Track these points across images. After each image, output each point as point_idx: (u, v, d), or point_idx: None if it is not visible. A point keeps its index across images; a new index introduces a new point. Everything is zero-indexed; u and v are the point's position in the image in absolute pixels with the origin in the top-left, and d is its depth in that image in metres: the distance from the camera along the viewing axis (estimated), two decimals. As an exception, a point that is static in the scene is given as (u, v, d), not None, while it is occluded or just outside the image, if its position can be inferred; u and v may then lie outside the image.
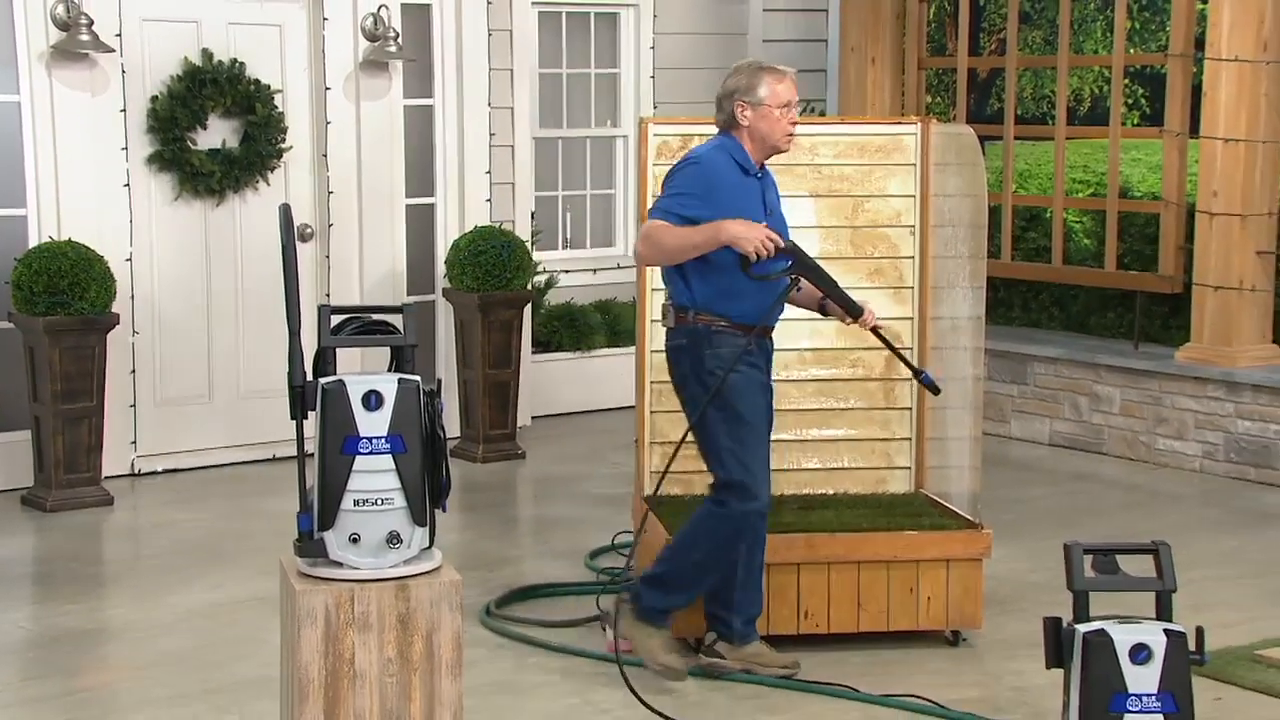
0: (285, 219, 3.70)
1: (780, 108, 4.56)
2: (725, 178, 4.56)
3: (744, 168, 4.60)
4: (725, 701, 4.51)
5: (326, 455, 3.54)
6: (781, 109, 4.56)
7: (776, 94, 4.56)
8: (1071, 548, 3.69)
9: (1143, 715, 3.51)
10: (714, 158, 4.60)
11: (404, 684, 3.57)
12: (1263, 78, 7.17)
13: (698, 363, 4.55)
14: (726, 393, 4.50)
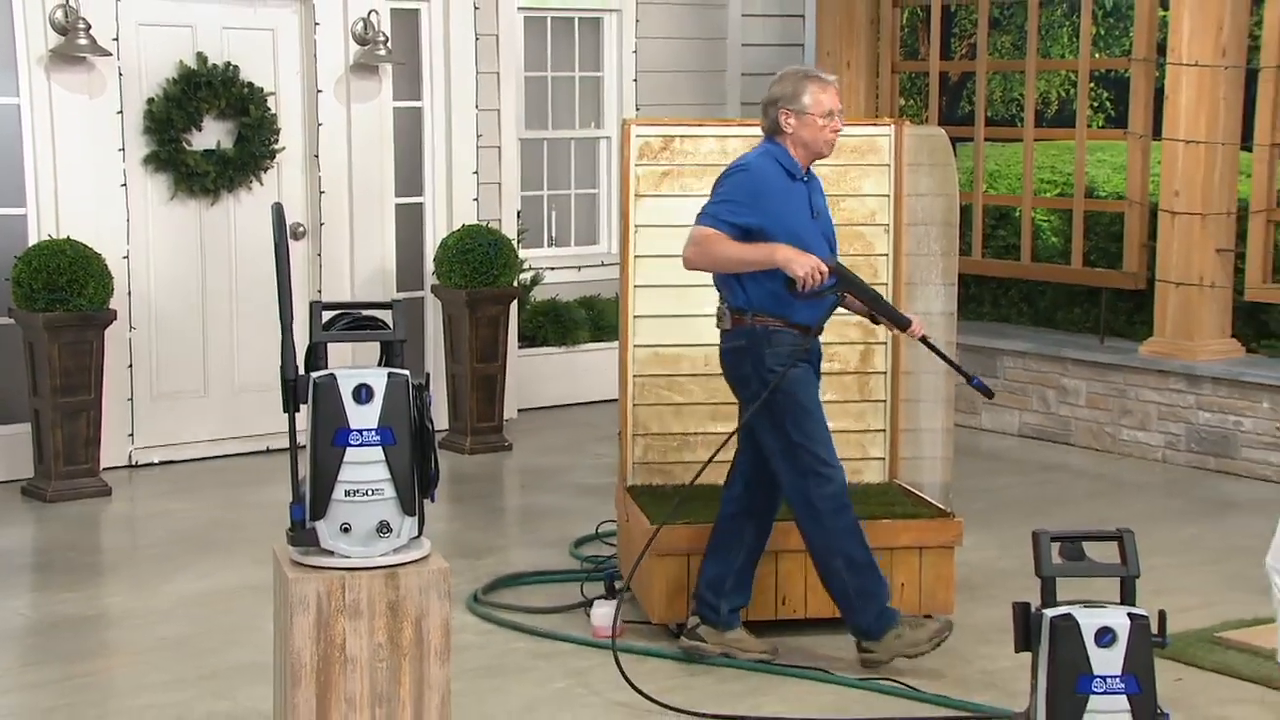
0: (278, 218, 3.70)
1: (823, 116, 4.53)
2: (773, 184, 4.53)
3: (790, 173, 4.57)
4: (708, 684, 4.52)
5: (318, 447, 3.54)
6: (824, 117, 4.53)
7: (820, 103, 4.52)
8: (1039, 535, 3.70)
9: (1107, 696, 3.52)
10: (762, 164, 4.57)
11: (394, 669, 3.57)
12: (1221, 82, 7.20)
13: (758, 362, 4.53)
14: (788, 388, 4.50)
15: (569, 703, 4.39)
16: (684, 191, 5.29)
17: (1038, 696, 3.60)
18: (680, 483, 5.29)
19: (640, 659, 4.70)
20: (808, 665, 4.62)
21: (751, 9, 9.26)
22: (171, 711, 4.34)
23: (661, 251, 5.28)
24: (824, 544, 4.56)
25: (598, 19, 8.93)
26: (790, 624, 4.89)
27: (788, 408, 4.53)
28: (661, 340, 5.30)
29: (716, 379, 5.31)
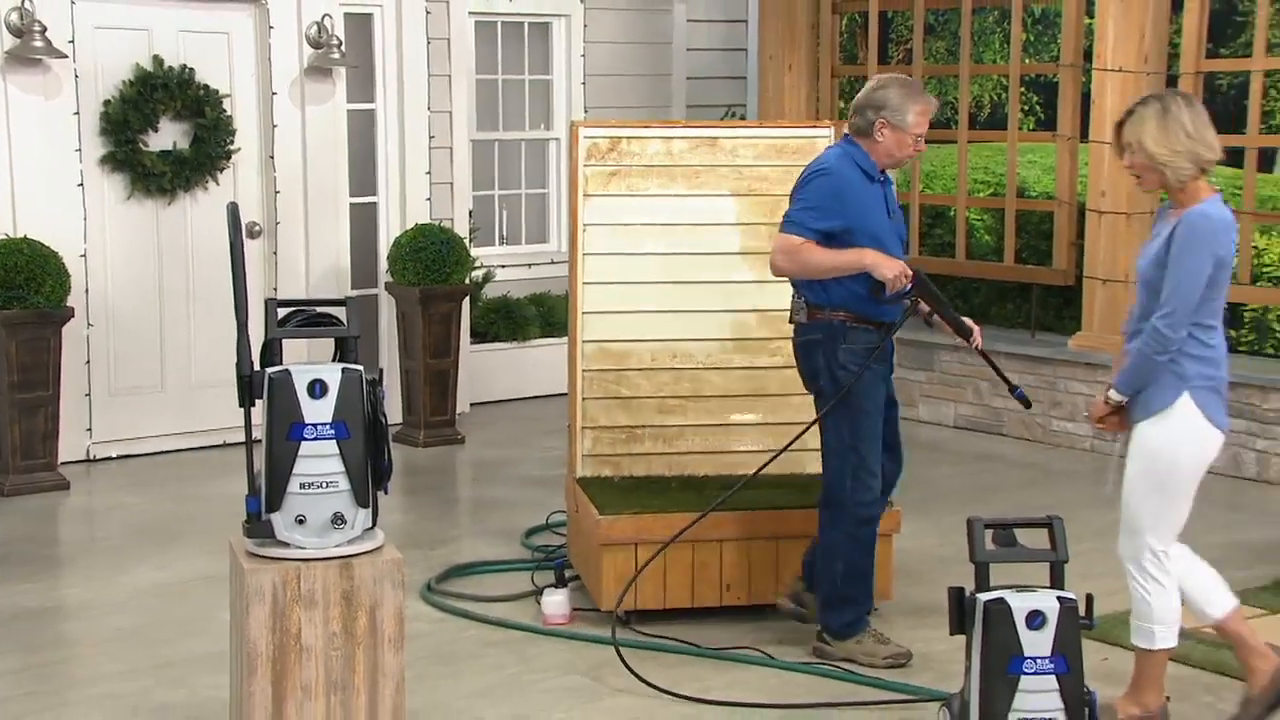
0: (233, 217, 3.68)
1: (916, 136, 4.54)
2: (853, 186, 4.51)
3: (869, 174, 4.55)
4: (654, 669, 4.51)
5: (273, 441, 3.52)
6: (917, 137, 4.55)
7: (920, 124, 4.52)
8: (973, 523, 3.73)
9: (1037, 676, 3.56)
10: (841, 167, 4.54)
11: (348, 657, 3.56)
12: (1144, 87, 7.28)
13: (831, 357, 4.52)
14: (861, 389, 4.48)
15: (520, 688, 4.39)
16: (631, 191, 5.30)
17: (972, 677, 3.63)
18: (628, 474, 5.30)
19: (588, 646, 4.70)
20: (750, 647, 4.63)
21: (696, 14, 9.28)
22: (128, 701, 4.29)
23: (610, 249, 5.29)
24: (835, 544, 4.55)
25: (547, 23, 8.92)
26: (734, 610, 4.90)
27: (856, 409, 4.50)
28: (610, 336, 5.30)
29: (663, 373, 5.33)
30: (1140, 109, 3.95)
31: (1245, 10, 7.37)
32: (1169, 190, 3.96)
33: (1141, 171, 3.94)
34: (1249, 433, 6.85)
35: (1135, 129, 3.92)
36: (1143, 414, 3.97)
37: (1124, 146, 3.96)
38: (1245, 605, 4.97)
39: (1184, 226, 3.87)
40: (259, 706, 3.51)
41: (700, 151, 5.32)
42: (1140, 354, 3.92)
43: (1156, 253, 3.93)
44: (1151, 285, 3.93)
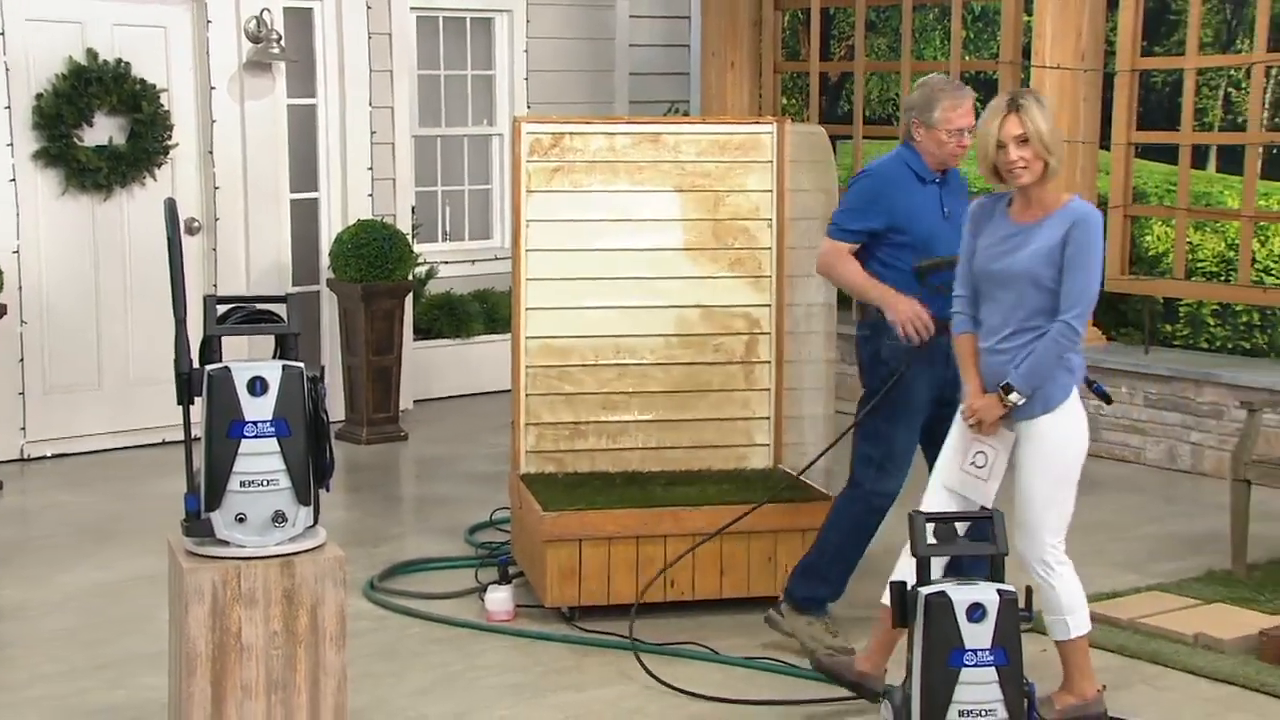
0: (170, 213, 3.64)
1: (950, 133, 4.47)
2: (898, 187, 4.51)
3: (921, 176, 4.54)
4: (599, 665, 4.52)
5: (213, 439, 3.49)
6: (951, 134, 4.47)
7: (949, 120, 4.46)
8: (915, 517, 3.77)
9: (978, 669, 3.59)
10: (887, 169, 4.57)
11: (289, 655, 3.53)
12: (1080, 84, 7.37)
13: (874, 354, 4.54)
14: (907, 382, 4.48)
15: (463, 685, 4.37)
16: (574, 187, 5.29)
17: (914, 670, 3.66)
18: (572, 470, 5.30)
19: (532, 642, 4.70)
20: (694, 642, 4.64)
21: (639, 10, 9.28)
22: (67, 702, 4.24)
23: (552, 245, 5.29)
24: (841, 520, 4.61)
25: (489, 19, 8.89)
26: (678, 605, 4.91)
27: (896, 403, 4.50)
28: (553, 332, 5.30)
29: (607, 369, 5.34)
30: (1022, 102, 3.86)
31: (1179, 9, 7.48)
32: (1037, 182, 3.87)
33: (1031, 163, 3.85)
34: (1183, 425, 6.95)
35: (1031, 120, 3.84)
36: (1042, 409, 3.94)
37: (1019, 139, 3.83)
38: (1180, 596, 5.06)
39: (1085, 225, 3.87)
40: (198, 707, 3.48)
41: (643, 147, 5.32)
42: (1048, 352, 3.88)
43: (1047, 250, 3.87)
44: (1040, 283, 3.87)
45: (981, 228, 4.02)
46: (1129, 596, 5.07)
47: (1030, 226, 3.93)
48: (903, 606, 3.74)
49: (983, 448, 3.98)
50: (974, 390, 3.98)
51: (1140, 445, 7.12)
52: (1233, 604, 4.96)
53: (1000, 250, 3.95)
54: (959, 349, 4.07)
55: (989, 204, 4.05)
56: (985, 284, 3.99)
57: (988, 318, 4.00)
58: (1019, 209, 3.97)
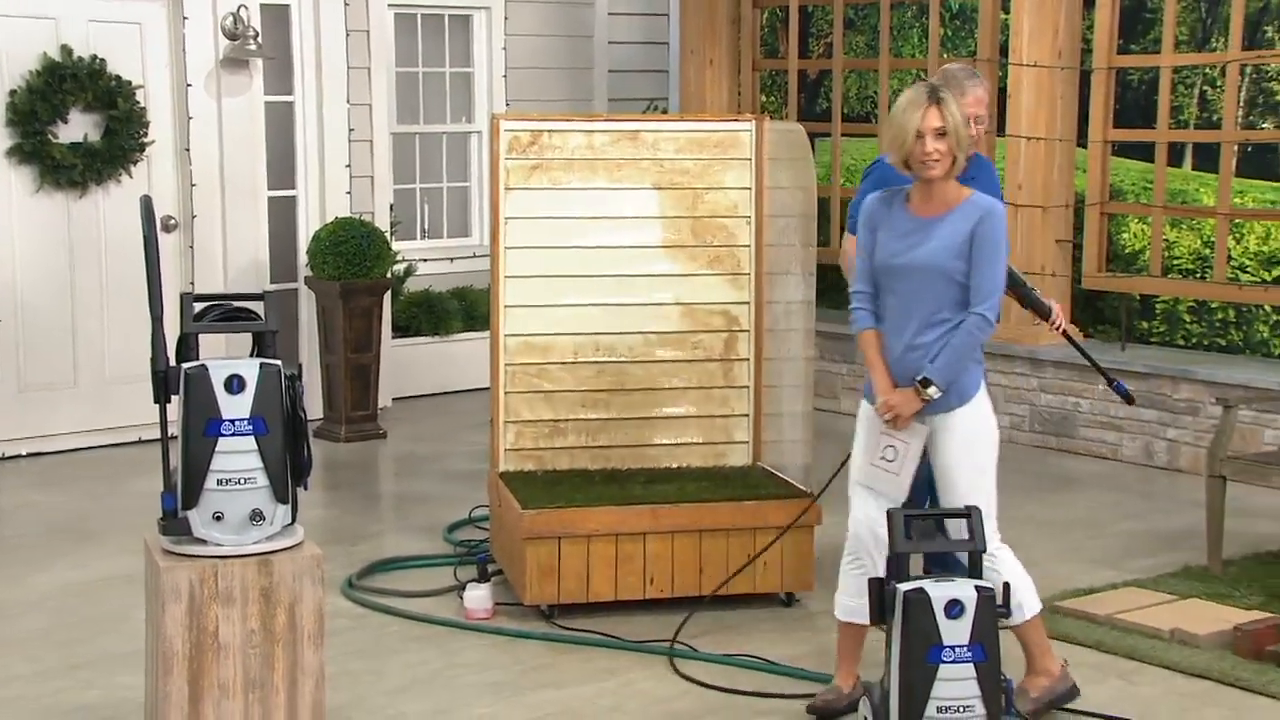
0: (146, 210, 3.63)
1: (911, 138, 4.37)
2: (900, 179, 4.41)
3: None
4: (575, 663, 4.52)
5: (190, 437, 3.48)
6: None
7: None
8: (893, 514, 3.77)
9: (956, 665, 3.60)
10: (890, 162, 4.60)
11: (267, 654, 3.52)
12: (1058, 82, 7.39)
13: None
14: None
15: (442, 683, 4.37)
16: (553, 185, 5.29)
17: (892, 666, 3.66)
18: (551, 468, 5.29)
19: (511, 640, 4.69)
20: (674, 640, 4.64)
21: (618, 8, 9.27)
22: (43, 701, 4.21)
23: (531, 243, 5.28)
24: None
25: (467, 16, 8.87)
26: (658, 603, 4.91)
27: None
28: (532, 329, 5.29)
29: (586, 366, 5.34)
30: (943, 95, 3.83)
31: (1155, 7, 7.51)
32: (945, 174, 3.84)
33: (944, 157, 3.83)
34: (1160, 422, 6.98)
35: (951, 115, 3.82)
36: (958, 402, 3.94)
37: (938, 131, 3.80)
38: (1156, 592, 5.09)
39: (992, 218, 3.87)
40: (175, 706, 3.46)
41: (622, 145, 5.32)
42: (964, 344, 3.87)
43: (955, 244, 3.85)
44: (948, 276, 3.86)
45: (880, 222, 3.97)
46: (1106, 592, 5.09)
47: (934, 220, 3.90)
48: (881, 603, 3.75)
49: (892, 442, 3.95)
50: (885, 386, 3.94)
51: (1117, 442, 7.15)
52: (1208, 599, 4.98)
53: (904, 245, 3.91)
54: (865, 345, 4.02)
55: (886, 199, 3.99)
56: (888, 278, 3.94)
57: (891, 312, 3.96)
58: (920, 203, 3.93)
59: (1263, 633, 4.51)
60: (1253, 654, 4.47)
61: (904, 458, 3.94)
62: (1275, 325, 8.24)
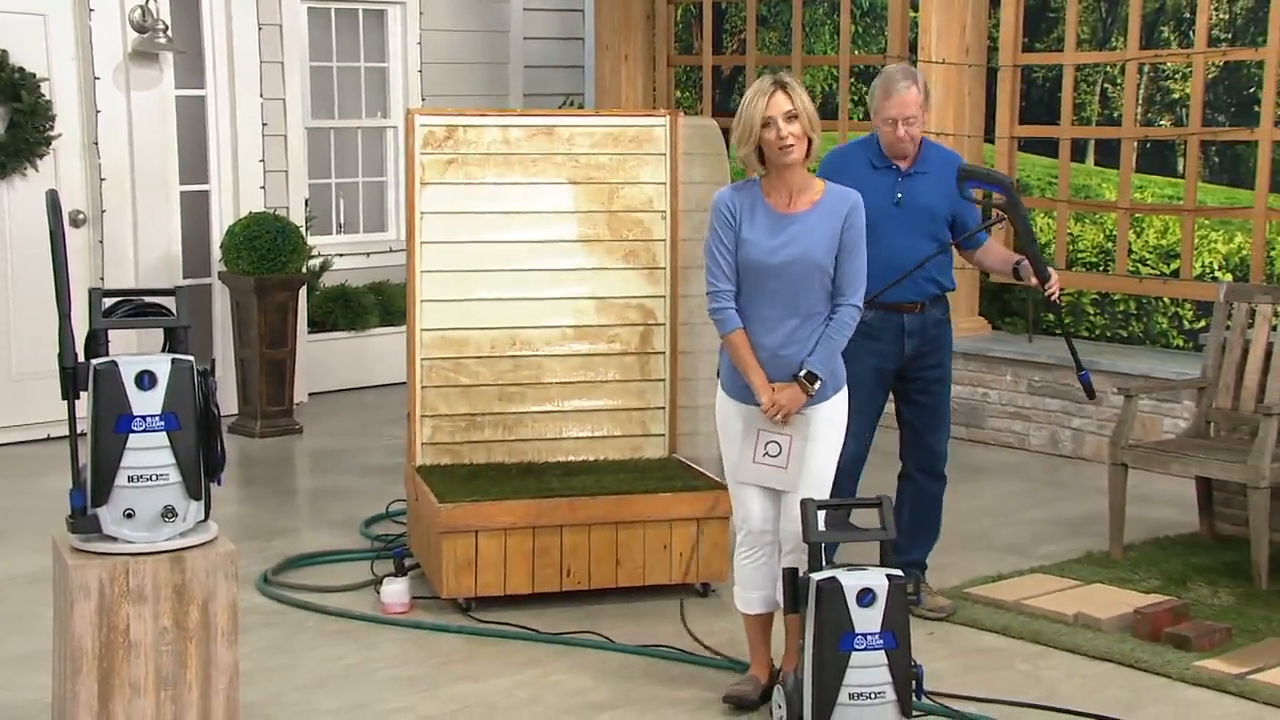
0: (53, 205, 3.56)
1: (885, 120, 4.58)
2: (844, 170, 4.56)
3: (873, 163, 4.65)
4: (493, 654, 4.50)
5: (100, 434, 3.42)
6: (885, 121, 4.58)
7: (883, 109, 4.59)
8: (807, 504, 3.80)
9: (868, 652, 3.64)
10: (839, 153, 4.80)
11: (179, 652, 3.47)
12: (965, 79, 7.49)
13: None
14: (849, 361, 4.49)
15: (359, 678, 4.33)
16: (468, 180, 5.26)
17: (805, 654, 3.69)
18: (468, 462, 5.27)
19: (428, 634, 4.67)
20: (590, 632, 4.65)
21: (533, 3, 9.24)
22: (-51, 705, 4.11)
23: (447, 238, 5.25)
24: None
25: (382, 10, 8.79)
26: (575, 595, 4.91)
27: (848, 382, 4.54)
28: (448, 324, 5.26)
29: (502, 360, 5.32)
30: (788, 81, 3.83)
31: (1057, 6, 7.64)
32: (803, 158, 3.85)
33: (799, 140, 3.82)
34: (1065, 412, 7.10)
35: (799, 98, 3.82)
36: (833, 391, 3.94)
37: (789, 114, 3.78)
38: (1061, 578, 5.18)
39: (859, 208, 3.90)
40: (84, 706, 3.40)
41: (537, 140, 5.31)
42: (841, 335, 3.89)
43: (830, 238, 3.86)
44: (825, 270, 3.87)
45: (741, 220, 3.91)
46: (1012, 579, 5.17)
47: (803, 214, 3.89)
48: (795, 592, 3.78)
49: (774, 438, 3.91)
50: (765, 385, 3.89)
51: (1024, 431, 7.26)
52: (1110, 584, 5.08)
53: (777, 242, 3.87)
54: (736, 346, 3.92)
55: (743, 195, 3.93)
56: (761, 276, 3.88)
57: (762, 309, 3.90)
58: (781, 198, 3.90)
59: (1160, 615, 4.61)
60: (1151, 636, 4.57)
61: (789, 452, 3.92)
62: (1174, 317, 8.42)
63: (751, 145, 3.86)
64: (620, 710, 4.10)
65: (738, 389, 3.98)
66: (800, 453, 3.93)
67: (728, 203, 3.94)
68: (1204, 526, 5.72)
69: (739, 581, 4.11)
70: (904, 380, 4.77)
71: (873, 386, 4.70)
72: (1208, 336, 5.84)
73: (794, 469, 3.93)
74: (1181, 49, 8.36)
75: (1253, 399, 5.56)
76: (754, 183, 3.97)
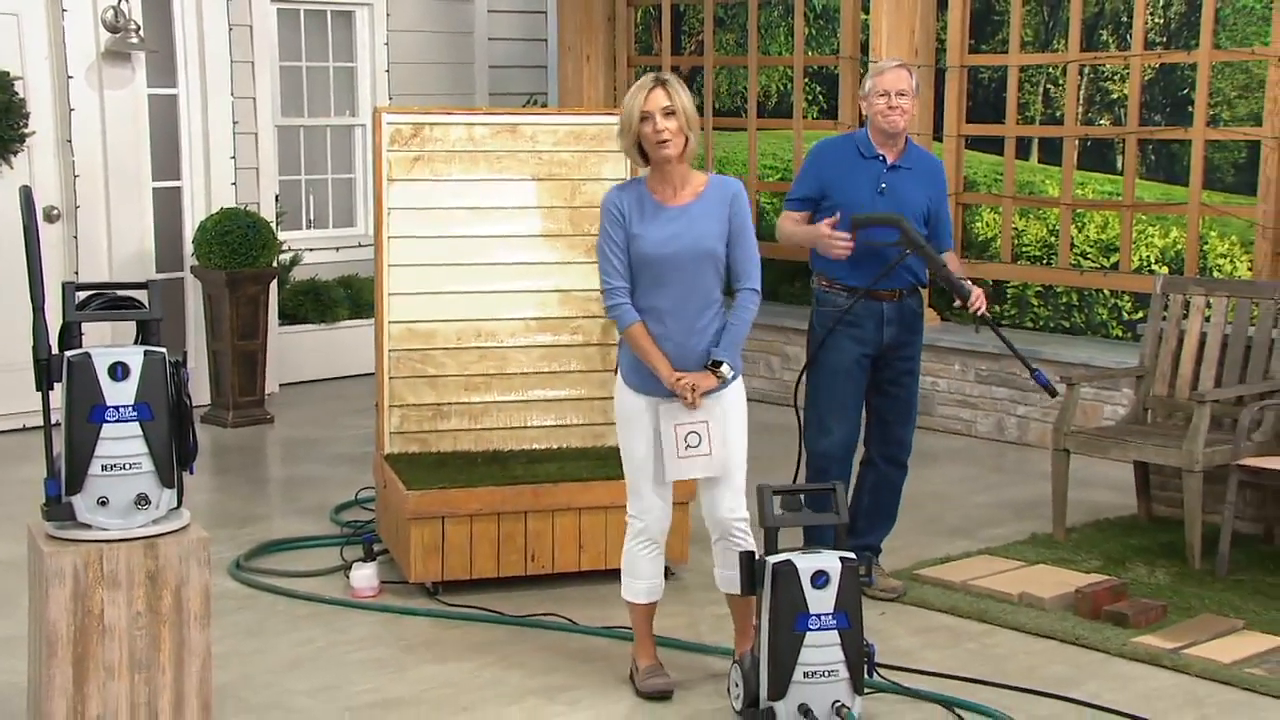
0: (26, 201, 3.53)
1: (878, 95, 4.63)
2: (832, 160, 4.71)
3: (862, 152, 4.68)
4: (459, 637, 4.50)
5: (74, 424, 3.39)
6: (879, 95, 4.63)
7: (876, 84, 4.65)
8: (763, 490, 3.82)
9: (822, 632, 3.66)
10: (829, 143, 4.84)
11: (153, 635, 3.44)
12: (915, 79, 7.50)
13: (811, 319, 4.74)
14: (826, 347, 4.65)
15: (328, 660, 4.31)
16: (434, 176, 5.24)
17: (762, 635, 3.71)
18: (435, 450, 5.25)
19: (396, 617, 4.65)
20: (553, 614, 4.64)
21: (497, 5, 9.21)
22: (-73, 690, 4.07)
23: (414, 232, 5.23)
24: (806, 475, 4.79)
25: (350, 12, 8.74)
26: (539, 579, 4.91)
27: (820, 368, 4.70)
28: (415, 316, 5.24)
29: (468, 352, 5.30)
30: (668, 78, 3.82)
31: (1002, 10, 7.68)
32: (680, 158, 3.82)
33: (675, 136, 3.80)
34: (1011, 400, 7.15)
35: (677, 95, 3.80)
36: (734, 377, 3.93)
37: (666, 110, 3.77)
38: (1006, 559, 5.22)
39: (742, 195, 3.91)
40: (59, 689, 3.37)
41: (501, 137, 5.29)
42: (745, 321, 3.89)
43: (720, 228, 3.85)
44: (719, 258, 3.86)
45: (631, 217, 3.88)
46: (960, 561, 5.21)
47: (689, 206, 3.88)
48: (751, 574, 3.79)
49: (690, 428, 3.88)
50: (668, 370, 3.85)
51: (972, 419, 7.31)
52: (1053, 565, 5.13)
53: (669, 234, 3.85)
54: (636, 338, 3.88)
55: (626, 195, 3.91)
56: (658, 269, 3.83)
57: (664, 302, 3.86)
58: (666, 192, 3.88)
59: (1100, 594, 4.66)
60: (1091, 614, 4.62)
61: (708, 437, 3.88)
62: (1113, 308, 8.49)
63: (631, 138, 3.85)
64: (582, 690, 4.10)
65: (642, 380, 3.92)
66: (720, 435, 3.89)
67: (616, 201, 3.91)
68: (1141, 509, 5.78)
69: (627, 570, 4.04)
70: (879, 370, 4.79)
71: (857, 373, 4.74)
72: (1145, 327, 5.90)
73: (718, 452, 3.90)
74: (1119, 51, 8.42)
75: (1188, 386, 5.61)
76: (639, 181, 3.96)
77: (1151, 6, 9.19)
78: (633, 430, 3.97)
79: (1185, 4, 9.12)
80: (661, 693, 4.02)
